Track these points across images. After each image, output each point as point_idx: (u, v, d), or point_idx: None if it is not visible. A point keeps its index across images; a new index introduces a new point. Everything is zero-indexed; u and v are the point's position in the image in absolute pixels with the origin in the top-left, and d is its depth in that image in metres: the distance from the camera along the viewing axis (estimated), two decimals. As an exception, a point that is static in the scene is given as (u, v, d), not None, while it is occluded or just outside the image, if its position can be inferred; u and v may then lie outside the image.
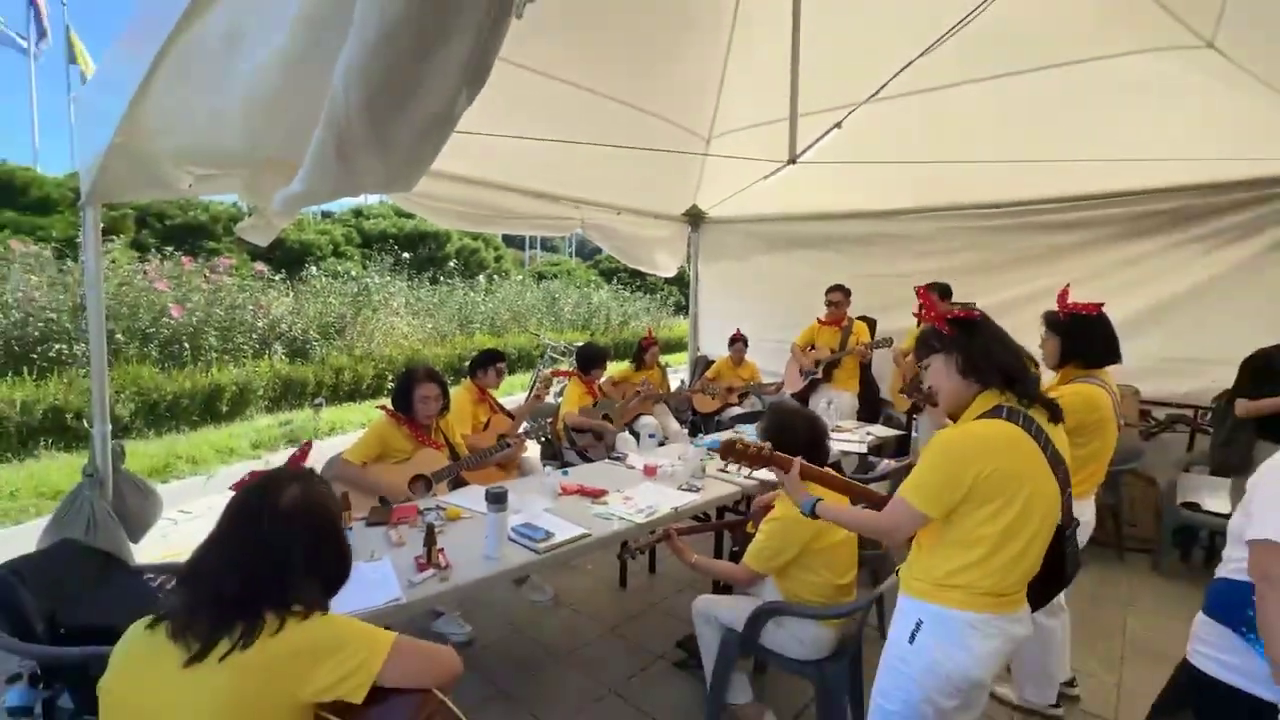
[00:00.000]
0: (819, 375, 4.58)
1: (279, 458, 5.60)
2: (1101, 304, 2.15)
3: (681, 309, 16.55)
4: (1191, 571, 3.60)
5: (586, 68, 3.41)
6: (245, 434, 6.17)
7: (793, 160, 3.21)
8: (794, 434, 2.02)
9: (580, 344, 4.52)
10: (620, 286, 16.65)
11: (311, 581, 1.09)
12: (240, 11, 1.31)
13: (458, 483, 2.86)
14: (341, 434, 6.59)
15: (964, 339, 1.46)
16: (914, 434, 4.20)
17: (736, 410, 4.88)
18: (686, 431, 4.68)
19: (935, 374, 1.52)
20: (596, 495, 2.60)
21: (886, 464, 3.45)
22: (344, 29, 1.04)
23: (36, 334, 6.02)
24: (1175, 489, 3.51)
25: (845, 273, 4.84)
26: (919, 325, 3.55)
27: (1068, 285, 2.26)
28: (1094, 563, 3.62)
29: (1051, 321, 2.21)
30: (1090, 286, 3.82)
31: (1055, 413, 1.47)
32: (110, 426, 2.87)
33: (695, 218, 5.90)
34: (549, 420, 3.46)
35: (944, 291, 3.93)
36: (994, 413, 1.40)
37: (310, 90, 1.23)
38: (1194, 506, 3.43)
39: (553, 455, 3.98)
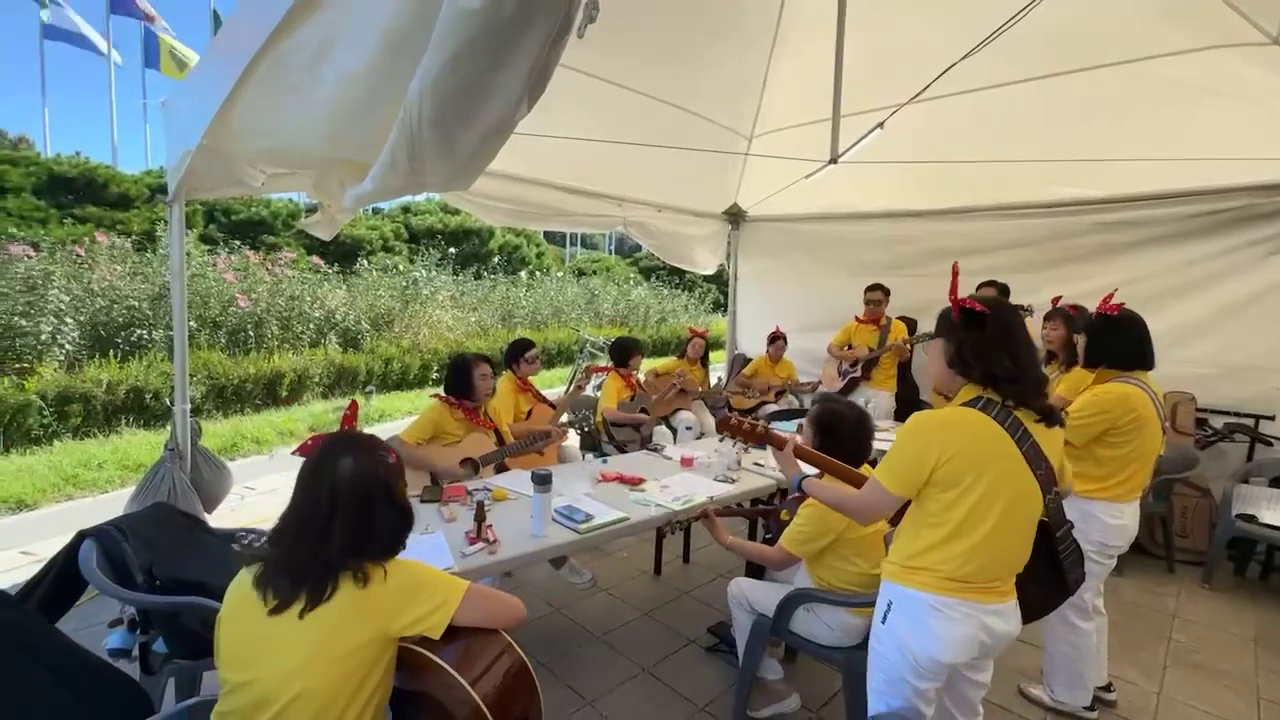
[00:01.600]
0: (858, 374, 4.57)
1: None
2: (1122, 303, 2.14)
3: (719, 306, 16.53)
4: (1244, 586, 3.48)
5: (631, 68, 3.49)
6: (303, 417, 6.54)
7: (834, 160, 3.23)
8: (841, 428, 2.02)
9: (615, 338, 4.63)
10: (659, 284, 16.74)
11: (375, 541, 1.20)
12: (333, 25, 1.45)
13: (501, 468, 3.01)
14: (390, 420, 6.89)
15: (962, 331, 1.45)
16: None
17: (773, 408, 4.89)
18: (723, 427, 4.72)
19: (933, 355, 1.56)
20: (635, 483, 2.70)
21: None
22: (424, 44, 1.17)
23: (120, 320, 6.51)
24: (1231, 500, 3.39)
25: (885, 272, 4.80)
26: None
27: (1113, 291, 2.24)
28: (1142, 573, 3.53)
29: (1082, 323, 2.25)
30: (1144, 287, 3.73)
31: (1050, 417, 1.43)
32: (190, 405, 3.13)
33: (736, 216, 5.93)
34: (589, 412, 3.58)
35: (1003, 290, 3.88)
36: (971, 403, 1.42)
37: (389, 98, 1.36)
38: (1250, 518, 3.31)
39: (592, 446, 4.10)
